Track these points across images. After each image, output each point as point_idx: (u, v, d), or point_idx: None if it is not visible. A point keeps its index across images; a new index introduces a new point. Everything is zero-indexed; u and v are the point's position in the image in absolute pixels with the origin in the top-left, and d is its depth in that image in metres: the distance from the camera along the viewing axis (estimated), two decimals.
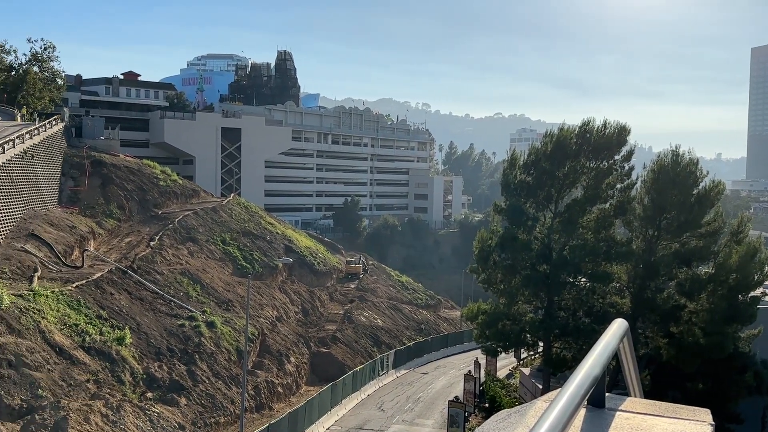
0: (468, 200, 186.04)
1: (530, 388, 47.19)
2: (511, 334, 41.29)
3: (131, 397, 38.13)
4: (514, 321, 41.26)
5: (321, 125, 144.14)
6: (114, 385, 38.39)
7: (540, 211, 41.61)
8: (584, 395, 3.00)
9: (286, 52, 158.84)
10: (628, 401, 4.03)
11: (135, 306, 47.78)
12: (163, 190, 75.90)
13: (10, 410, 32.53)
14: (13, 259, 46.70)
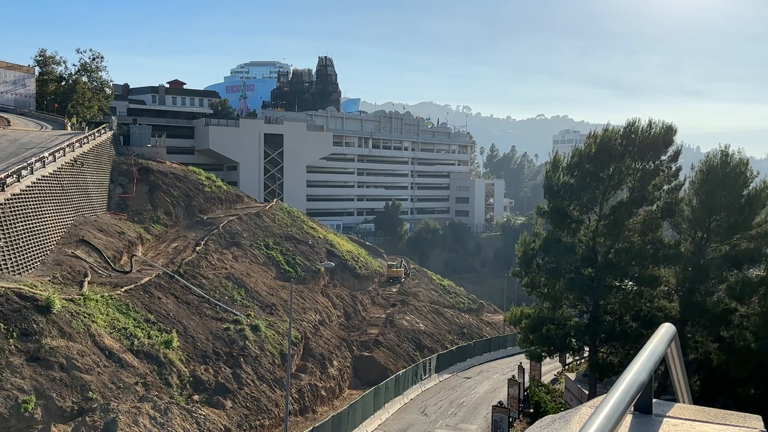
0: (510, 203, 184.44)
1: (576, 393, 46.47)
2: (555, 339, 40.73)
3: (178, 399, 38.79)
4: (558, 325, 40.69)
5: (362, 130, 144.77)
6: (162, 387, 39.12)
7: (584, 214, 40.97)
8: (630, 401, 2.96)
9: (327, 58, 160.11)
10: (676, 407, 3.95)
11: (182, 310, 48.64)
12: (208, 196, 77.20)
13: (62, 412, 33.42)
14: (64, 264, 48.06)
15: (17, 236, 45.61)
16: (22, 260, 44.75)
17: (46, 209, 52.39)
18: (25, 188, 50.51)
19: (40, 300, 38.17)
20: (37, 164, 55.33)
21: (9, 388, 32.60)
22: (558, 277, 40.05)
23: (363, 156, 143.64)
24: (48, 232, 50.68)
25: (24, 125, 79.43)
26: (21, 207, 48.28)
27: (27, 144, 66.04)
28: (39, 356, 35.17)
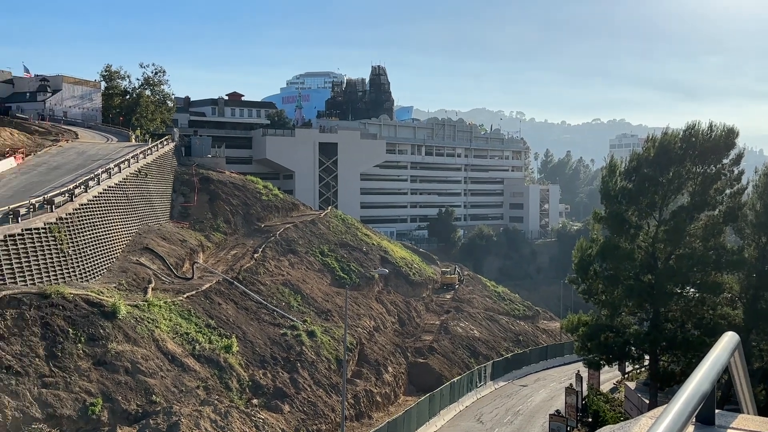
0: (566, 209, 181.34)
1: (636, 402, 45.27)
2: (614, 347, 39.78)
3: (238, 403, 39.46)
4: (617, 333, 39.73)
5: (414, 137, 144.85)
6: (222, 391, 39.87)
7: (643, 219, 39.95)
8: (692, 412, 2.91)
9: (380, 67, 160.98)
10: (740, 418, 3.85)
11: (241, 315, 49.54)
12: (266, 205, 78.50)
13: (127, 415, 34.42)
14: (129, 271, 49.59)
15: (85, 245, 47.32)
16: (90, 268, 46.39)
17: (111, 218, 54.22)
18: (92, 198, 52.39)
19: (107, 306, 39.46)
20: (103, 175, 57.35)
21: (77, 390, 33.78)
22: (616, 283, 39.15)
23: (416, 163, 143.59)
24: (114, 240, 52.41)
25: (91, 138, 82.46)
26: (88, 216, 50.09)
27: (94, 156, 68.55)
28: (105, 360, 36.34)
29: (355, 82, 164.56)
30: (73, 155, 68.74)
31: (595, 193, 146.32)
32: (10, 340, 34.02)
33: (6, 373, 32.28)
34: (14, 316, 35.16)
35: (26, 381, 32.60)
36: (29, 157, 65.91)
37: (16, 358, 33.28)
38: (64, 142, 75.22)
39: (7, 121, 78.47)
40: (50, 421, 31.77)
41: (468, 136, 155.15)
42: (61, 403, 32.70)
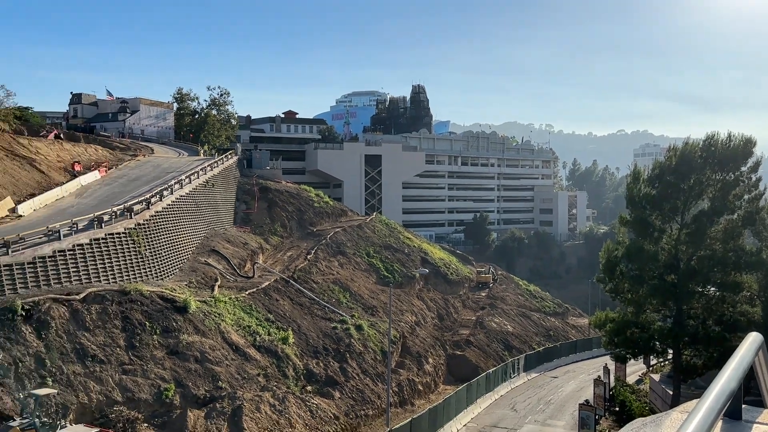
0: (593, 213, 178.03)
1: (660, 393, 44.05)
2: (639, 342, 38.81)
3: (294, 389, 39.81)
4: (642, 329, 38.76)
5: (451, 149, 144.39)
6: (280, 378, 40.29)
7: (666, 223, 38.94)
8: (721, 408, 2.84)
9: (419, 86, 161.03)
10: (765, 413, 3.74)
11: (296, 310, 50.01)
12: (317, 211, 79.16)
13: (196, 399, 35.06)
14: (198, 270, 50.58)
15: (160, 247, 48.46)
16: (164, 267, 47.48)
17: (183, 224, 55.41)
18: (166, 206, 53.65)
19: (179, 301, 40.33)
20: (175, 186, 58.67)
21: (153, 377, 34.57)
22: (641, 283, 38.23)
23: (453, 172, 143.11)
24: (185, 243, 53.54)
25: (164, 153, 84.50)
26: (163, 222, 51.30)
27: (167, 169, 70.21)
28: (177, 350, 37.12)
29: (397, 100, 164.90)
30: (150, 168, 70.53)
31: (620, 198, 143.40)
32: (95, 332, 35.05)
33: (92, 361, 33.26)
34: (99, 311, 36.23)
35: (108, 368, 33.52)
36: (111, 170, 67.86)
37: (100, 348, 34.26)
38: (141, 157, 77.22)
39: (92, 139, 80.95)
40: (129, 404, 32.59)
41: (501, 148, 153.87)
42: (138, 388, 33.51)
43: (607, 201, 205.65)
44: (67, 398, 30.66)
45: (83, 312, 35.37)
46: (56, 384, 30.75)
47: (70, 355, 32.75)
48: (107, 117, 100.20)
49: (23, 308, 33.03)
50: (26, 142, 64.84)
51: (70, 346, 33.18)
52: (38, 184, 56.32)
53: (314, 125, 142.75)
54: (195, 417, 33.15)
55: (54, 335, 33.04)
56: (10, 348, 31.01)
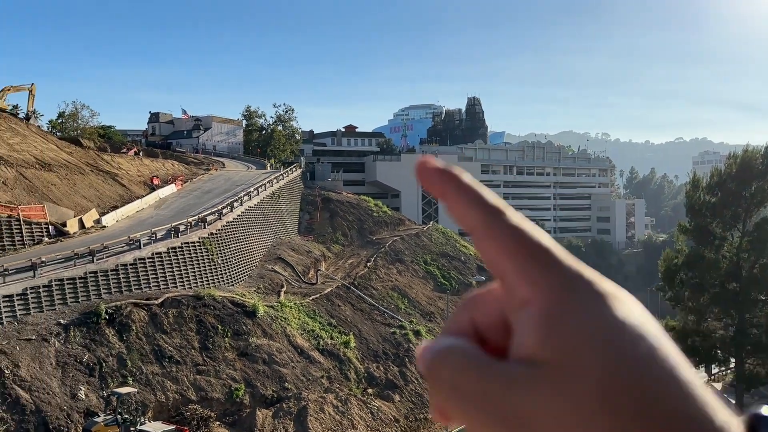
0: (651, 221, 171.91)
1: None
2: (701, 351, 37.19)
3: (355, 391, 40.04)
4: (704, 337, 37.15)
5: (506, 159, 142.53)
6: (342, 381, 40.61)
7: (727, 231, 37.28)
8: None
9: (474, 98, 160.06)
10: None
11: (357, 316, 50.35)
12: (376, 220, 79.62)
13: (264, 399, 35.77)
14: (266, 277, 51.73)
15: (230, 255, 49.87)
16: (234, 274, 48.80)
17: (252, 233, 56.84)
18: (236, 217, 55.19)
19: (248, 306, 41.31)
20: (245, 198, 60.28)
21: (225, 378, 35.51)
22: (702, 291, 36.70)
23: (508, 182, 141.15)
24: (253, 251, 54.89)
25: (234, 167, 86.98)
26: (233, 232, 52.78)
27: (237, 182, 72.25)
28: (247, 352, 38.01)
29: (453, 112, 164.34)
30: (221, 181, 72.75)
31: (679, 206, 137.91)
32: (172, 334, 36.34)
33: (168, 362, 34.48)
34: (175, 315, 37.55)
35: (184, 368, 34.65)
36: (186, 183, 70.36)
37: (176, 349, 35.48)
38: (213, 171, 79.76)
39: (169, 155, 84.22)
40: (203, 402, 33.57)
41: (556, 157, 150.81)
42: (211, 387, 34.49)
43: (665, 209, 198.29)
44: (146, 396, 31.86)
45: (161, 316, 36.74)
46: (136, 383, 32.01)
47: (149, 356, 34.06)
48: (182, 134, 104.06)
49: (107, 312, 34.61)
50: (109, 158, 68.11)
51: (149, 348, 34.50)
52: (120, 197, 59.00)
53: (373, 138, 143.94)
54: (263, 416, 33.81)
55: (134, 337, 34.45)
56: (95, 349, 32.52)
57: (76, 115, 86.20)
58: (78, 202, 52.34)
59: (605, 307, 0.54)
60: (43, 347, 31.03)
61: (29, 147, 56.58)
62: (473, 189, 0.66)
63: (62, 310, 34.32)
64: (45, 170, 53.56)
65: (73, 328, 32.83)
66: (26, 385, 28.67)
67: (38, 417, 27.77)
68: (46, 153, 57.43)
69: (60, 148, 61.83)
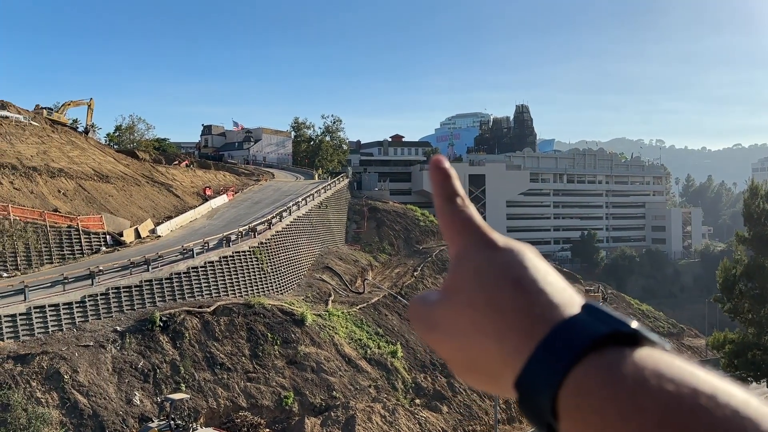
0: (708, 230, 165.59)
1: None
2: (762, 364, 35.48)
3: (403, 402, 39.86)
4: (765, 351, 35.44)
5: (556, 167, 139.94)
6: (389, 391, 40.51)
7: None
8: None
9: (523, 106, 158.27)
10: None
11: (403, 326, 50.24)
12: (423, 229, 79.44)
13: (313, 407, 36.01)
14: (314, 286, 52.25)
15: (280, 264, 50.62)
16: (283, 283, 49.48)
17: (300, 242, 57.58)
18: (285, 226, 56.03)
19: (297, 315, 41.79)
20: (293, 207, 61.17)
21: (274, 385, 35.95)
22: (763, 302, 35.06)
23: (558, 190, 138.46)
24: (302, 260, 55.56)
25: (284, 177, 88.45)
26: (282, 241, 53.58)
27: (286, 192, 73.42)
28: (296, 360, 38.41)
29: (501, 120, 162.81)
30: (271, 192, 74.05)
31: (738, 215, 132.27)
32: (223, 341, 37.08)
33: (220, 369, 35.18)
34: (226, 322, 38.32)
35: (235, 376, 35.27)
36: (238, 194, 71.93)
37: (227, 357, 36.17)
38: (263, 182, 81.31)
39: (221, 166, 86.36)
40: (253, 410, 34.06)
41: (608, 164, 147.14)
42: (261, 395, 34.97)
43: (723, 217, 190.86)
44: (198, 403, 32.55)
45: (213, 323, 37.55)
46: (189, 389, 32.76)
47: (201, 363, 34.82)
48: (234, 146, 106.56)
49: (161, 319, 35.62)
50: (164, 169, 70.35)
51: (201, 355, 35.29)
52: (174, 207, 60.79)
53: (419, 148, 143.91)
54: (312, 424, 34.02)
55: (187, 344, 35.30)
56: (150, 355, 33.48)
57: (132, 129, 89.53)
58: (134, 213, 54.21)
59: (493, 252, 0.83)
60: (100, 353, 32.14)
61: (88, 159, 59.02)
62: (445, 182, 0.92)
63: (118, 317, 35.50)
64: (103, 182, 55.73)
65: (128, 335, 33.91)
66: (84, 390, 29.74)
67: (95, 421, 28.74)
68: (103, 165, 59.78)
69: (117, 161, 64.27)
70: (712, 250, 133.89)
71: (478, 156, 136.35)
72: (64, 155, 56.77)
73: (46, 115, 66.96)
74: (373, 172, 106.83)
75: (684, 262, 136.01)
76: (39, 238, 41.72)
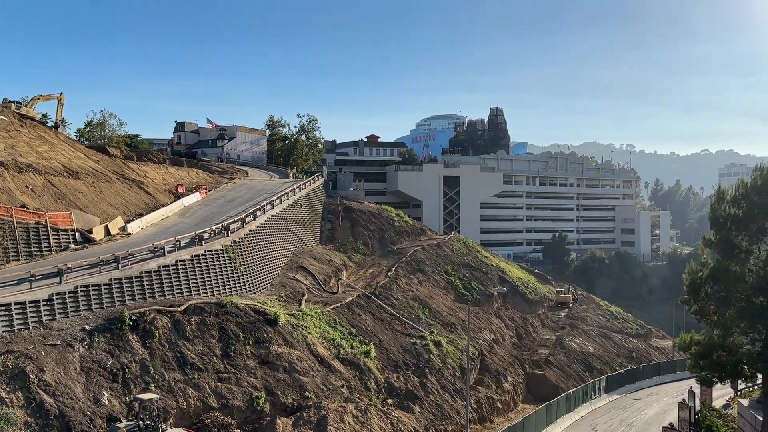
0: (676, 234, 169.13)
1: (749, 419, 40.92)
2: (726, 365, 36.29)
3: (375, 402, 39.90)
4: (729, 352, 36.27)
5: (529, 169, 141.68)
6: (362, 390, 40.52)
7: (753, 244, 36.42)
8: None
9: (497, 109, 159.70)
10: None
11: (377, 325, 50.31)
12: (398, 230, 79.64)
13: (285, 407, 35.80)
14: (287, 285, 51.98)
15: (253, 263, 50.23)
16: (256, 282, 49.12)
17: (274, 242, 57.22)
18: (259, 225, 55.63)
19: (270, 314, 41.53)
20: (267, 206, 60.77)
21: (246, 385, 35.66)
22: (728, 305, 35.86)
23: (531, 192, 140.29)
24: (275, 259, 55.22)
25: (258, 176, 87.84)
26: (256, 240, 53.19)
27: (261, 190, 72.93)
28: (268, 360, 38.15)
29: (476, 122, 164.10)
30: (244, 190, 73.48)
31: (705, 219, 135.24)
32: (194, 341, 36.64)
33: (190, 369, 34.76)
34: (197, 322, 37.88)
35: (206, 376, 34.89)
36: (211, 192, 71.21)
37: (198, 357, 35.77)
38: (237, 180, 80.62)
39: (194, 163, 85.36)
40: (224, 410, 33.72)
41: (580, 168, 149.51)
42: (232, 395, 34.66)
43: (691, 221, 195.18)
44: (168, 403, 32.13)
45: (184, 323, 37.10)
46: (158, 389, 32.31)
47: (171, 363, 34.37)
48: (207, 143, 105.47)
49: (131, 318, 35.06)
50: (135, 166, 69.25)
51: (172, 355, 34.83)
52: (146, 204, 59.90)
53: (395, 148, 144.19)
54: (283, 424, 33.83)
55: (157, 344, 34.82)
56: (119, 355, 32.93)
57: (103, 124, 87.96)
58: (104, 210, 53.27)
59: None
60: (68, 352, 31.51)
61: (57, 155, 57.79)
62: None
63: (87, 315, 34.85)
64: (72, 178, 54.63)
65: (97, 334, 33.31)
66: (50, 390, 29.12)
67: (62, 421, 28.16)
68: (73, 161, 58.60)
69: (87, 157, 63.06)
70: (679, 253, 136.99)
71: (452, 157, 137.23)
72: (32, 150, 55.50)
73: (15, 108, 65.35)
74: (348, 171, 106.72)
75: (652, 264, 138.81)
76: (5, 234, 40.74)
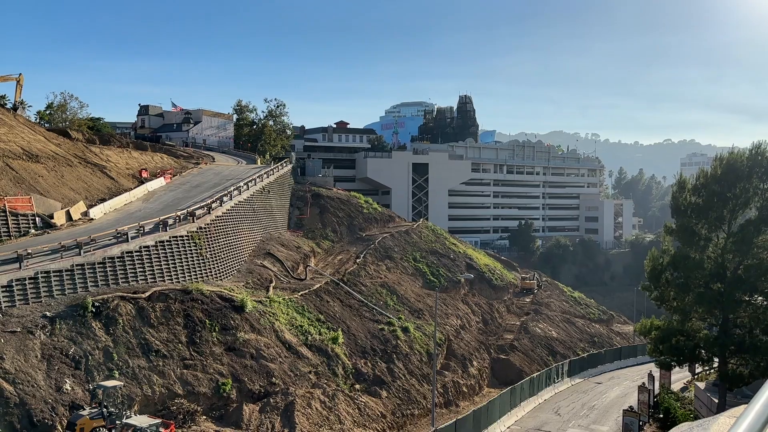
0: (639, 222, 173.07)
1: (706, 401, 42.33)
2: (685, 350, 37.42)
3: (343, 387, 39.99)
4: (688, 337, 37.38)
5: (497, 158, 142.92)
6: (330, 376, 40.55)
7: (712, 232, 37.47)
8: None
9: (466, 96, 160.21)
10: None
11: (345, 312, 50.32)
12: (366, 217, 79.55)
13: (252, 394, 35.62)
14: (255, 272, 51.50)
15: (219, 249, 49.58)
16: (223, 269, 48.53)
17: (241, 228, 56.55)
18: (225, 211, 54.87)
19: (236, 301, 41.12)
20: (234, 192, 59.95)
21: (212, 372, 35.32)
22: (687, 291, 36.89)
23: (498, 180, 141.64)
24: (242, 246, 54.61)
25: (225, 161, 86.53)
26: (222, 226, 52.48)
27: (227, 176, 71.87)
28: (235, 347, 37.83)
29: (445, 110, 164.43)
30: (211, 175, 72.33)
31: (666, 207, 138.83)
32: (159, 328, 36.07)
33: (155, 356, 34.24)
34: (162, 309, 37.28)
35: (171, 363, 34.41)
36: (176, 177, 69.89)
37: (163, 344, 35.24)
38: (203, 165, 79.28)
39: (158, 148, 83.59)
40: (189, 397, 33.36)
41: (546, 156, 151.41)
42: (198, 382, 34.29)
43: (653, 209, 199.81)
44: (133, 390, 31.61)
45: (148, 309, 36.46)
46: (122, 376, 31.76)
47: (135, 350, 33.79)
48: (172, 127, 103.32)
49: (93, 305, 34.29)
50: (98, 150, 67.46)
51: (136, 341, 34.24)
52: (108, 189, 58.48)
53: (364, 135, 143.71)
54: (250, 411, 33.66)
55: (121, 331, 34.17)
56: (81, 342, 32.22)
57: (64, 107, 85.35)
58: (65, 194, 51.82)
59: None
60: (29, 340, 30.68)
61: (16, 138, 55.90)
62: None
63: (48, 302, 33.96)
64: (32, 161, 52.95)
65: (59, 321, 32.50)
66: (10, 378, 28.34)
67: (22, 410, 27.46)
68: (33, 144, 56.77)
69: (48, 140, 61.16)
70: (641, 241, 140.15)
71: (421, 145, 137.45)
72: None
73: None
74: (317, 158, 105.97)
75: (615, 251, 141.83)
76: None
